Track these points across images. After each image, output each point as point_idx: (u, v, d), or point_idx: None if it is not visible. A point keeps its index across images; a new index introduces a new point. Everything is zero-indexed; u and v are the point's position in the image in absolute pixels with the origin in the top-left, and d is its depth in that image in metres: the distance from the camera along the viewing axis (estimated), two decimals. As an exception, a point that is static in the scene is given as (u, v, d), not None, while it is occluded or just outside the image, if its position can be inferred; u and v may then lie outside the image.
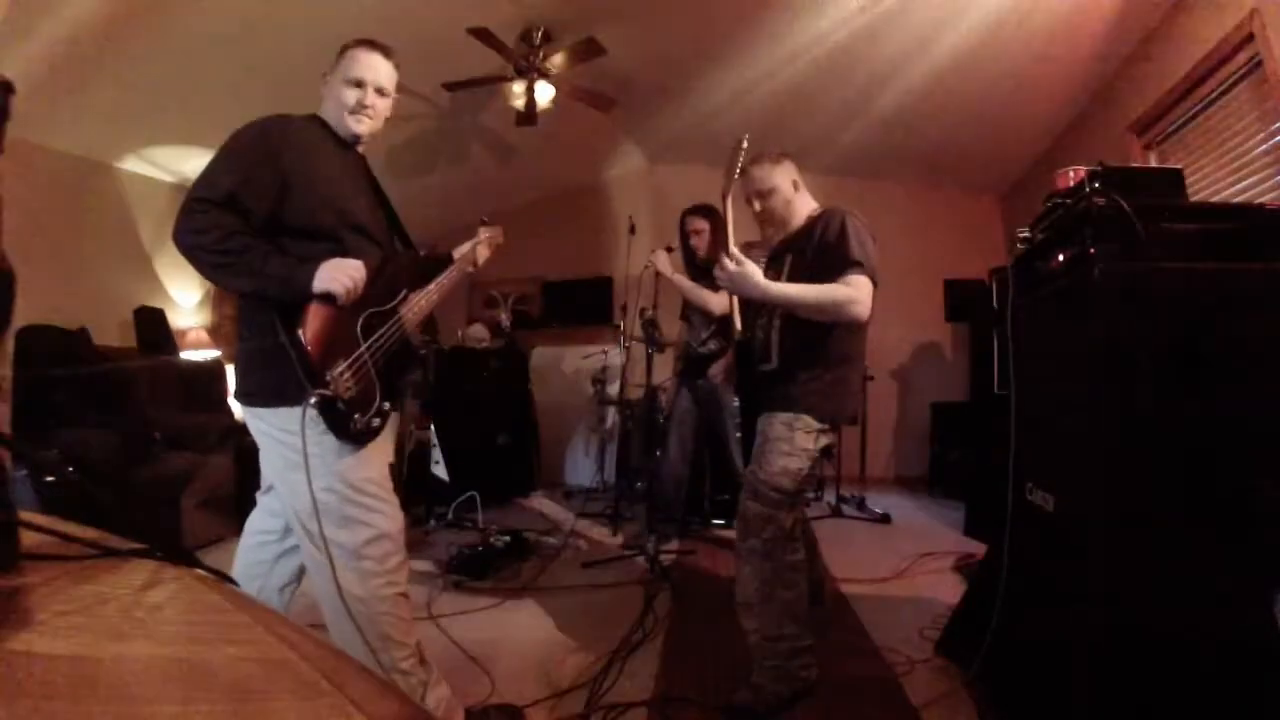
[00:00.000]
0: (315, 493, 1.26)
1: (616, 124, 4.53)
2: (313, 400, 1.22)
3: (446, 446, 3.80)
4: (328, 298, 1.27)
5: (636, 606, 2.35)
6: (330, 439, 1.29)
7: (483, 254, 1.82)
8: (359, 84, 1.44)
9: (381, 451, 1.42)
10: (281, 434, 1.30)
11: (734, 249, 1.72)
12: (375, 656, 1.31)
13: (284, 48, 3.11)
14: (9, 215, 0.48)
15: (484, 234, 1.84)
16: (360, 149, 1.53)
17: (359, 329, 1.35)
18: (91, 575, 0.49)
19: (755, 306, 1.92)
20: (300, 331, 1.25)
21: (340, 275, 1.28)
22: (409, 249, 1.62)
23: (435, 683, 1.42)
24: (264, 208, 1.30)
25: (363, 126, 1.47)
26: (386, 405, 1.38)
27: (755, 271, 1.69)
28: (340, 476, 1.31)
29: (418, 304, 1.51)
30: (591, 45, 3.28)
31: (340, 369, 1.28)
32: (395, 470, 3.37)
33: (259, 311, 1.32)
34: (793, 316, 1.77)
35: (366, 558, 1.32)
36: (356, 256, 1.35)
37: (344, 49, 1.48)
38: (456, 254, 1.77)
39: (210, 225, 1.23)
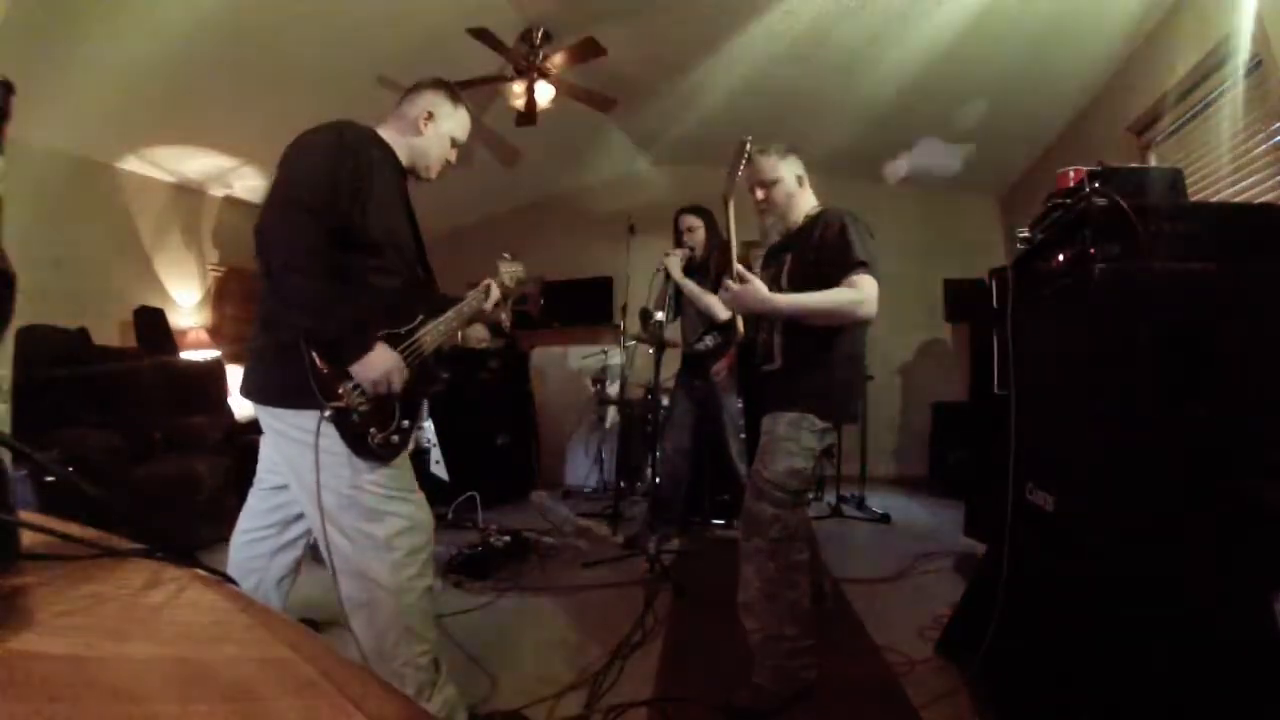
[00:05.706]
0: (343, 490, 1.31)
1: (616, 124, 4.52)
2: (327, 413, 1.27)
3: (446, 446, 3.79)
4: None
5: (636, 606, 2.34)
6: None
7: (494, 293, 1.76)
8: (456, 145, 1.59)
9: (404, 456, 1.46)
10: (300, 434, 1.32)
11: (738, 267, 1.72)
12: (394, 649, 1.34)
13: (285, 48, 3.10)
14: (9, 215, 0.48)
15: (503, 268, 1.80)
16: None
17: None
18: (91, 575, 0.49)
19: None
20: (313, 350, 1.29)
21: (381, 378, 1.32)
22: (428, 273, 1.65)
23: (443, 684, 1.42)
24: (344, 219, 1.33)
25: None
26: (406, 423, 1.41)
27: (760, 287, 1.70)
28: (365, 474, 1.34)
29: (435, 329, 1.53)
30: (591, 45, 3.27)
31: (353, 384, 1.31)
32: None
33: (284, 312, 1.34)
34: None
35: (396, 549, 1.35)
36: (392, 274, 1.43)
37: (454, 98, 1.56)
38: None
39: (302, 233, 1.25)
